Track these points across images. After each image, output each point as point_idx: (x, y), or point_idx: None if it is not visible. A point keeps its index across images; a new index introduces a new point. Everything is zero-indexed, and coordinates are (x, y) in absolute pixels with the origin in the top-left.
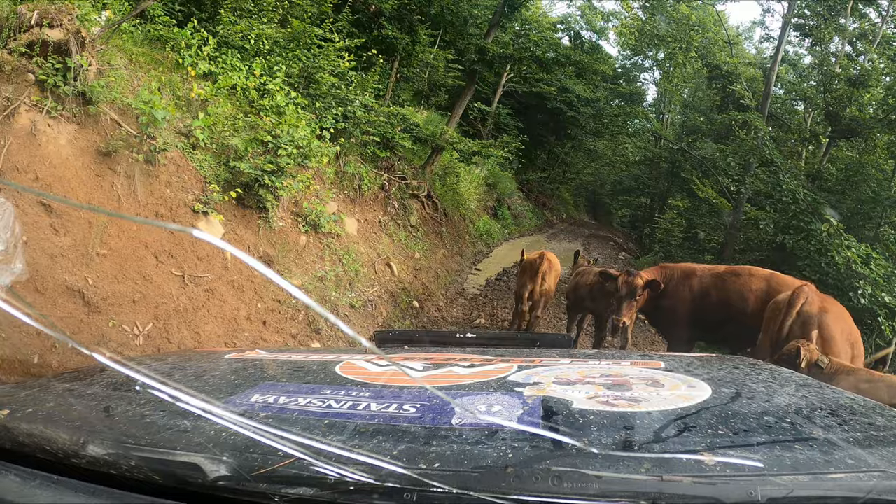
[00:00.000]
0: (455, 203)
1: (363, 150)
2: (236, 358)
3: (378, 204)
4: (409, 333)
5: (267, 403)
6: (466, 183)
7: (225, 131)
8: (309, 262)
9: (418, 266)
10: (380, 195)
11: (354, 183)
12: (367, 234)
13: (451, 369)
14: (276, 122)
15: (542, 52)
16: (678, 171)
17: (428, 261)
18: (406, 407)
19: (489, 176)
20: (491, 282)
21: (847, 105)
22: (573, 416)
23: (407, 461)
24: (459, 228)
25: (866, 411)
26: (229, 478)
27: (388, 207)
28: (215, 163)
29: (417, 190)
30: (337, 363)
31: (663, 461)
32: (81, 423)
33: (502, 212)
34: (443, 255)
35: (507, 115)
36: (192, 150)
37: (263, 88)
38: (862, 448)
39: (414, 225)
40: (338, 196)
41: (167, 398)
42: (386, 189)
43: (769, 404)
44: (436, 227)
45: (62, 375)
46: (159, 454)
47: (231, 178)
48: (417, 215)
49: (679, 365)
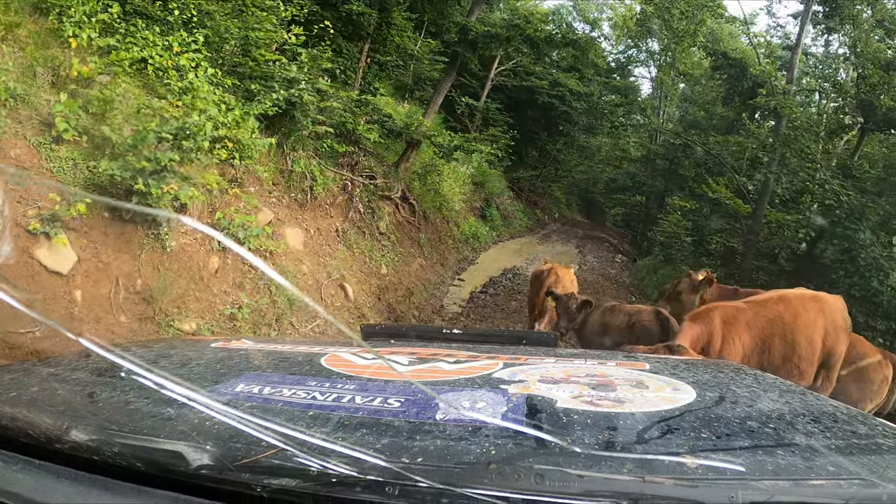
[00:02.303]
0: (437, 205)
1: (317, 143)
2: (222, 347)
3: (337, 209)
4: (396, 328)
5: (251, 393)
6: (450, 182)
7: (114, 120)
8: (218, 293)
9: (384, 283)
10: (339, 198)
11: (304, 184)
12: (317, 248)
13: (437, 365)
14: (179, 105)
15: (534, 30)
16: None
17: (398, 275)
18: (391, 401)
19: (476, 174)
20: (475, 296)
21: (882, 93)
22: (557, 415)
23: (390, 455)
24: (442, 233)
25: (849, 419)
26: (212, 467)
27: (349, 212)
28: (86, 162)
29: (389, 191)
30: (322, 355)
31: (645, 462)
32: (65, 408)
33: (491, 212)
34: (419, 266)
35: (497, 111)
36: (54, 145)
37: (183, 67)
38: (843, 455)
39: (384, 232)
40: (279, 201)
41: (152, 385)
42: (348, 190)
43: (752, 409)
44: (412, 233)
45: (47, 360)
46: (142, 441)
47: (105, 182)
48: (389, 220)
49: (664, 367)
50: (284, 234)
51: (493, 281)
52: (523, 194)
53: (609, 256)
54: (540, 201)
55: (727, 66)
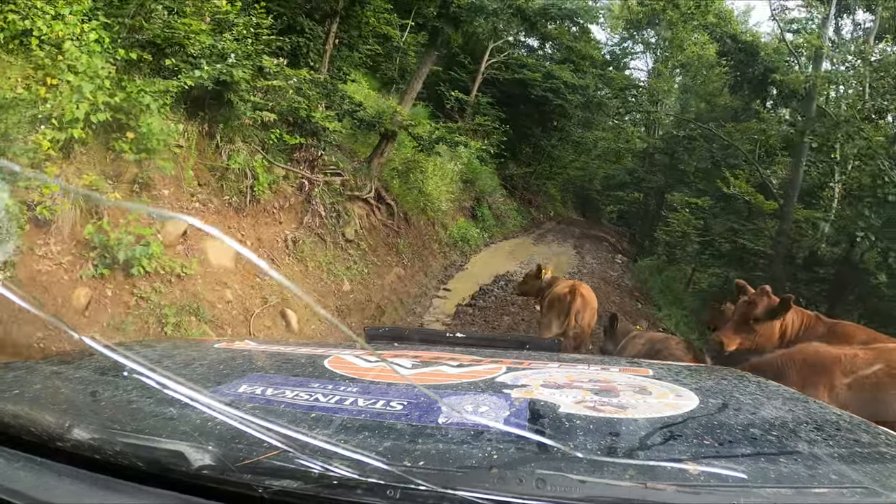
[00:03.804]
0: (420, 205)
1: (265, 134)
2: (226, 348)
3: (288, 213)
4: (399, 331)
5: (254, 394)
6: (436, 180)
7: None
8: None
9: (346, 303)
10: (293, 200)
11: (243, 184)
12: (252, 265)
13: (440, 368)
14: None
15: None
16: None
17: (368, 290)
18: (393, 403)
19: (465, 171)
20: (462, 310)
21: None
22: (559, 420)
23: (392, 458)
24: (426, 236)
25: (852, 427)
26: (213, 467)
27: (305, 217)
28: None
29: (360, 190)
30: (326, 357)
31: (647, 468)
32: (67, 406)
33: (482, 212)
34: (396, 277)
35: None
36: None
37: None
38: (846, 464)
39: (351, 238)
40: (205, 206)
41: (154, 385)
42: (305, 190)
43: (755, 416)
44: (389, 238)
45: (50, 358)
46: (144, 441)
47: None
48: (359, 224)
49: (667, 374)
50: (205, 248)
51: (484, 290)
52: (517, 192)
53: (608, 257)
54: (534, 199)
55: (736, 50)
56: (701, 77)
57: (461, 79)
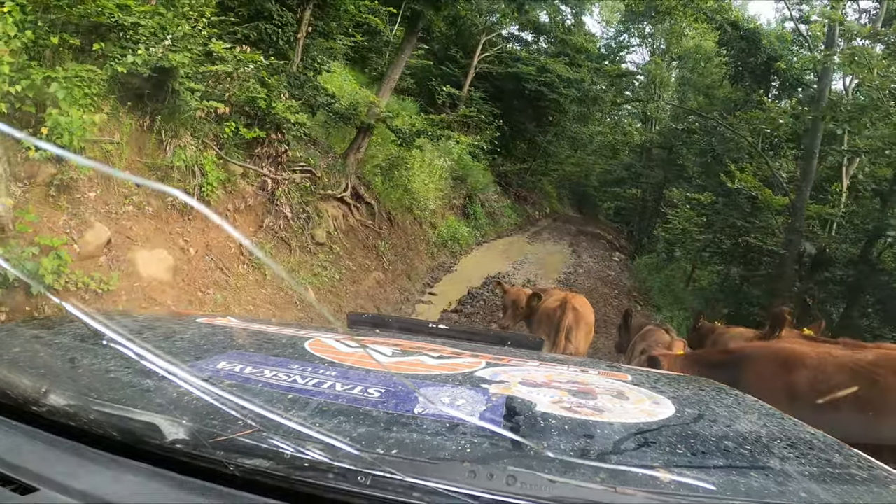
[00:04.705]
0: (406, 204)
1: (218, 128)
2: (207, 323)
3: (247, 215)
4: (381, 318)
5: (233, 371)
6: (423, 177)
7: None
8: None
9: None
10: (254, 199)
11: (189, 183)
12: (197, 275)
13: (420, 358)
14: None
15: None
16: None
17: (338, 298)
18: (371, 390)
19: (456, 168)
20: (447, 316)
21: None
22: (535, 419)
23: (365, 444)
24: (411, 236)
25: (825, 447)
26: (187, 442)
27: (267, 219)
28: None
29: (333, 188)
30: (307, 339)
31: (619, 473)
32: (45, 371)
33: (474, 210)
34: (375, 282)
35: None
36: None
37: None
38: (816, 483)
39: (322, 241)
40: (141, 210)
41: (133, 356)
42: (268, 189)
43: (730, 429)
44: (368, 240)
45: (31, 322)
46: (119, 411)
47: None
48: (333, 225)
49: (646, 380)
50: (133, 259)
51: (473, 294)
52: (511, 189)
53: (605, 255)
54: (529, 196)
55: (737, 38)
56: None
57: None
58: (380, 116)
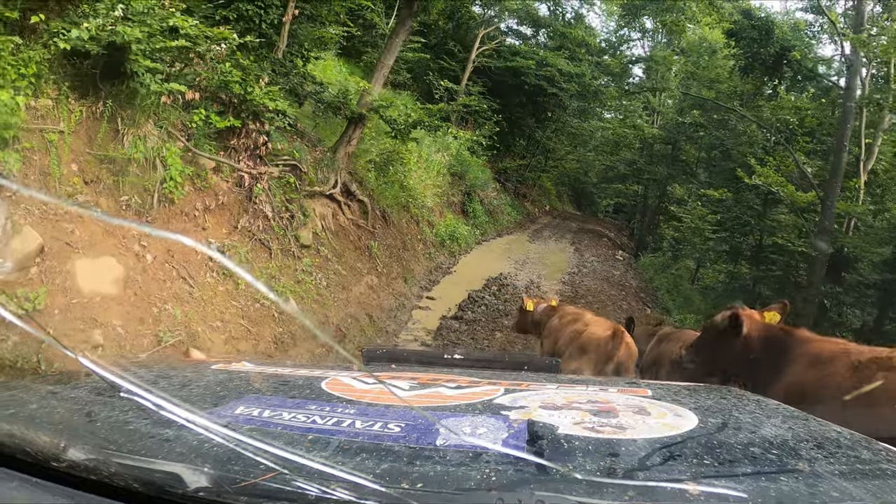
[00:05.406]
0: (401, 201)
1: (186, 116)
2: (222, 369)
3: (219, 215)
4: (397, 353)
5: (251, 416)
6: (420, 173)
7: None
8: None
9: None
10: (228, 197)
11: (150, 178)
12: (154, 286)
13: (438, 390)
14: None
15: None
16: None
17: (324, 308)
18: (391, 426)
19: (454, 163)
20: (446, 324)
21: None
22: (558, 442)
23: (390, 480)
24: (407, 236)
25: (852, 444)
26: (209, 489)
27: (242, 219)
28: None
29: (321, 185)
30: (323, 379)
31: (647, 489)
32: (63, 426)
33: (473, 207)
34: (367, 287)
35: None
36: None
37: None
38: (847, 481)
39: (308, 244)
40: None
41: (151, 406)
42: (245, 185)
43: (755, 435)
44: (360, 241)
45: (46, 377)
46: (140, 462)
47: None
48: (321, 225)
49: (666, 393)
50: (72, 271)
51: (473, 298)
52: (510, 186)
53: (609, 254)
54: (529, 193)
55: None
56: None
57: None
58: (372, 106)
